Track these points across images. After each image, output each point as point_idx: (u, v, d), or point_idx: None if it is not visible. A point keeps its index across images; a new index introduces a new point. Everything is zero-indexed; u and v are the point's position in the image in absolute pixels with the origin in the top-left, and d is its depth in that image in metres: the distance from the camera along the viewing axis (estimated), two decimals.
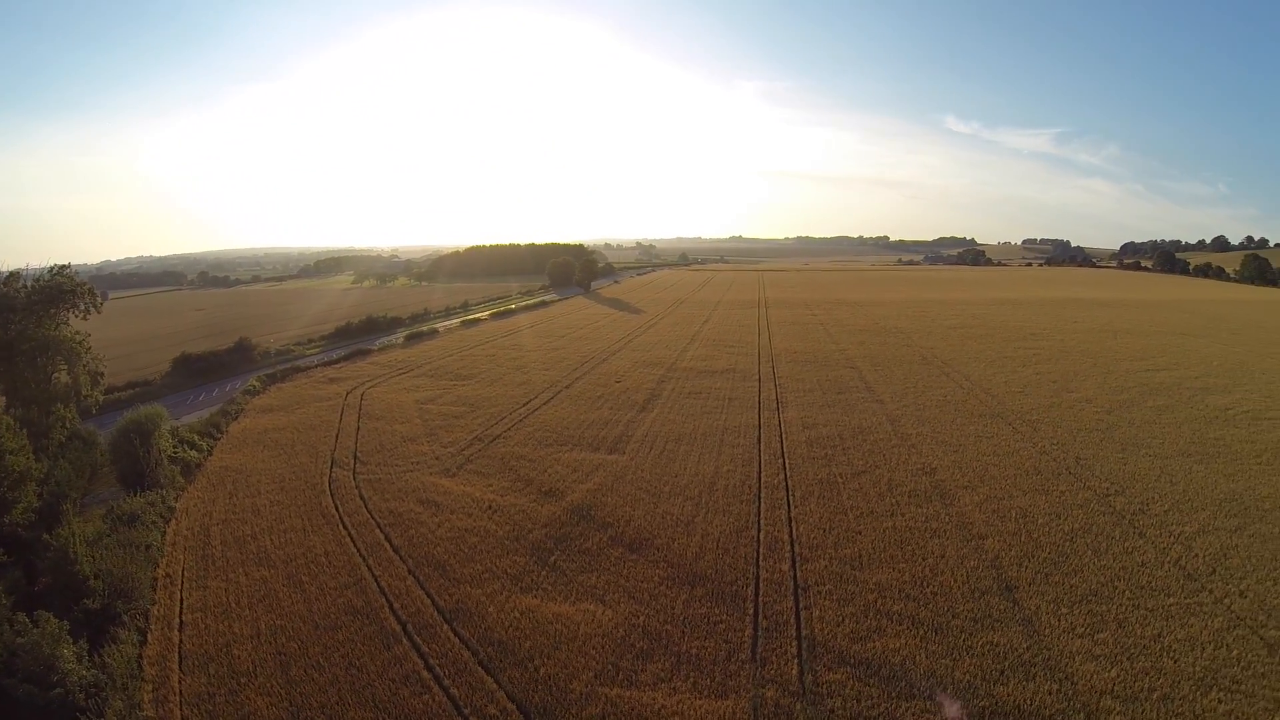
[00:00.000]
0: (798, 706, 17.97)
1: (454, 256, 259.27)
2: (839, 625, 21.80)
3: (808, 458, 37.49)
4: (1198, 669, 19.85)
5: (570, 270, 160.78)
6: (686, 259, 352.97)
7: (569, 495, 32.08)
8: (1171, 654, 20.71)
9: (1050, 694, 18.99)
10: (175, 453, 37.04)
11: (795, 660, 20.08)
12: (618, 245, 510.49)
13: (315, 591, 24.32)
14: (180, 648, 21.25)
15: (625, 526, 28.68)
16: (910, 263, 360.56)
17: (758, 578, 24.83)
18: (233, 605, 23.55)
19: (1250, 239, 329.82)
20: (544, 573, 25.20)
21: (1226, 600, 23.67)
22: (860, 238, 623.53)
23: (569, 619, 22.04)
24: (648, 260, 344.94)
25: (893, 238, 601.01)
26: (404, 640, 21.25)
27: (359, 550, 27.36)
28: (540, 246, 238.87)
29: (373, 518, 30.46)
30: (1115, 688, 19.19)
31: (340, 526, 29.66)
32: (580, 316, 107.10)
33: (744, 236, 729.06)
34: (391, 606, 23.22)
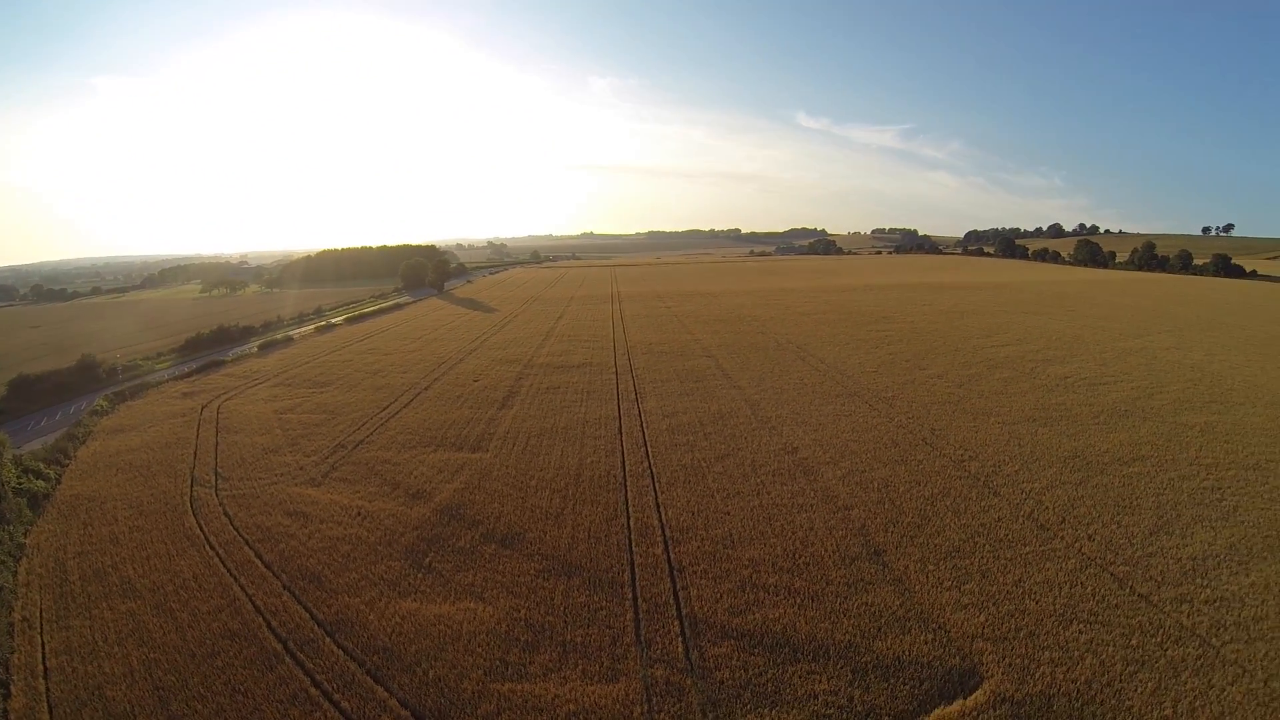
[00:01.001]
0: (688, 682, 27.77)
1: (305, 261, 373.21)
2: (717, 601, 33.60)
3: (670, 445, 56.10)
4: (1057, 606, 33.85)
5: (423, 272, 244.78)
6: (539, 257, 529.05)
7: (437, 496, 47.65)
8: (1033, 596, 34.71)
9: (926, 643, 30.49)
10: (20, 484, 50.74)
11: (679, 639, 30.72)
12: (470, 245, 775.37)
13: (187, 619, 34.24)
14: (48, 697, 29.04)
15: (496, 523, 43.02)
16: (762, 254, 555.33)
17: (632, 563, 37.18)
18: (100, 644, 32.49)
19: (1083, 226, 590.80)
20: (421, 575, 36.88)
21: (1077, 544, 40.17)
22: (712, 231, 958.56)
23: (451, 619, 32.34)
24: (500, 259, 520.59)
25: (744, 230, 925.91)
26: (287, 659, 30.62)
27: (229, 570, 39.07)
28: (392, 248, 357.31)
29: (240, 535, 43.86)
30: (985, 630, 31.67)
31: (207, 547, 42.31)
32: (435, 318, 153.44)
33: (596, 233, 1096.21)
34: (270, 625, 33.19)
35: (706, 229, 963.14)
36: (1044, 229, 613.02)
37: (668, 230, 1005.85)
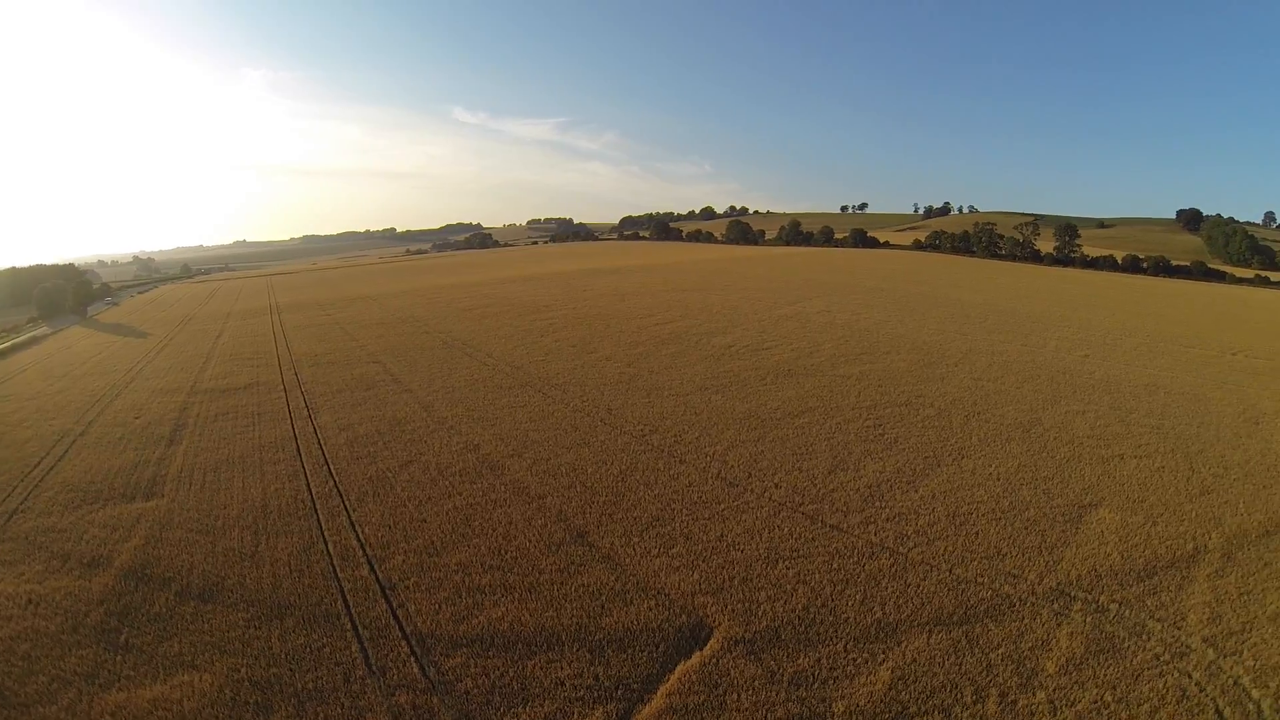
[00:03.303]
0: (435, 701, 28.69)
1: None
2: (438, 613, 34.82)
3: (352, 459, 58.06)
4: (761, 551, 39.67)
5: (62, 296, 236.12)
6: (190, 270, 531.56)
7: (116, 559, 44.79)
8: (737, 546, 40.17)
9: (651, 609, 34.13)
10: None
11: (412, 659, 31.57)
12: (114, 262, 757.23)
13: None
14: None
15: (189, 576, 41.51)
16: (420, 252, 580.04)
17: (342, 590, 38.01)
18: None
19: (733, 208, 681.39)
20: (120, 657, 34.57)
21: (766, 494, 46.95)
22: (368, 231, 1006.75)
23: (169, 700, 30.93)
24: (149, 276, 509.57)
25: (400, 229, 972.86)
26: None
27: None
28: (22, 270, 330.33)
29: None
30: (701, 586, 36.20)
31: None
32: (82, 349, 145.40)
33: (248, 240, 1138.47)
34: None
35: (362, 230, 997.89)
36: (696, 212, 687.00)
37: (322, 234, 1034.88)
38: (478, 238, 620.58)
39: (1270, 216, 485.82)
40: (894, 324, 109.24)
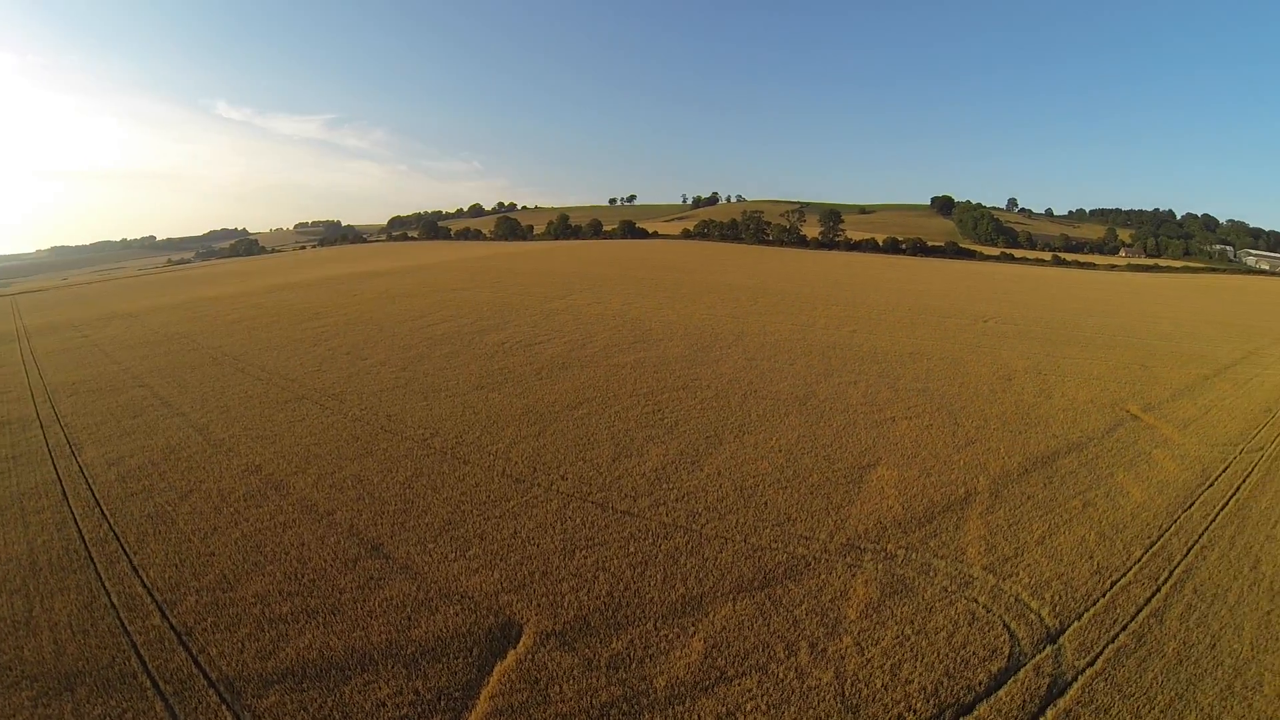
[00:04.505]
0: None
1: None
2: (242, 652, 32.21)
3: (126, 496, 52.11)
4: (557, 543, 39.98)
5: None
6: None
7: None
8: (532, 541, 40.28)
9: (458, 614, 33.67)
10: None
11: (224, 708, 29.14)
12: None
13: None
14: None
15: None
16: (182, 261, 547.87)
17: (135, 645, 33.95)
18: None
19: (502, 204, 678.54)
20: None
21: (553, 487, 47.39)
22: (124, 240, 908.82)
23: None
24: None
25: (161, 236, 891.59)
26: None
27: None
28: None
29: None
30: (504, 585, 36.06)
31: None
32: None
33: None
34: None
35: (119, 239, 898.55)
36: (465, 210, 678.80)
37: (74, 244, 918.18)
38: (244, 244, 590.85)
39: (1013, 202, 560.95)
40: (666, 311, 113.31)
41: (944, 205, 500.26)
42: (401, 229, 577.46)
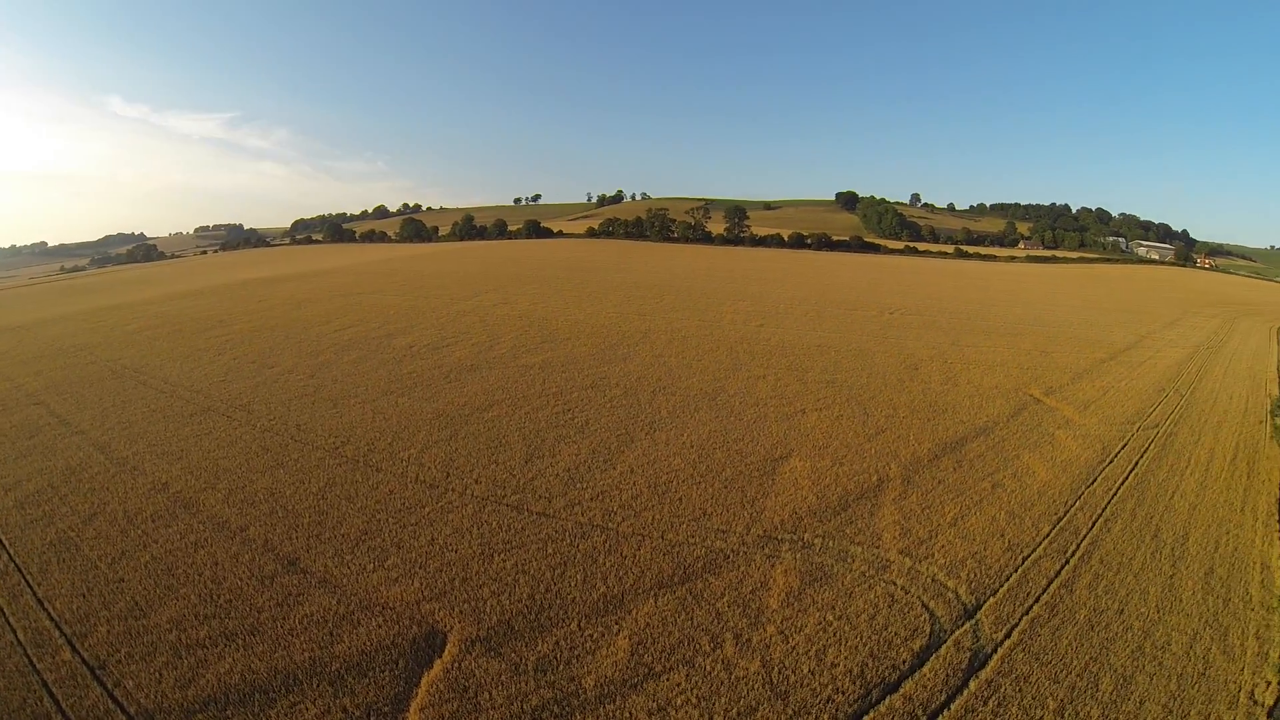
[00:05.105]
0: None
1: None
2: (160, 683, 30.66)
3: (25, 523, 48.93)
4: (475, 548, 39.89)
5: None
6: None
7: None
8: (450, 547, 40.21)
9: (381, 626, 33.30)
10: None
11: None
12: None
13: None
14: None
15: None
16: (76, 269, 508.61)
17: (45, 684, 31.71)
18: None
19: (407, 205, 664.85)
20: None
21: (468, 491, 47.31)
22: (14, 247, 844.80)
23: None
24: None
25: (52, 242, 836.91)
26: None
27: None
28: None
29: None
30: (425, 593, 35.83)
31: None
32: None
33: None
34: None
35: (7, 245, 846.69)
36: (370, 211, 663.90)
37: None
38: (142, 249, 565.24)
39: (916, 197, 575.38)
40: (572, 310, 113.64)
41: (849, 200, 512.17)
42: (306, 232, 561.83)
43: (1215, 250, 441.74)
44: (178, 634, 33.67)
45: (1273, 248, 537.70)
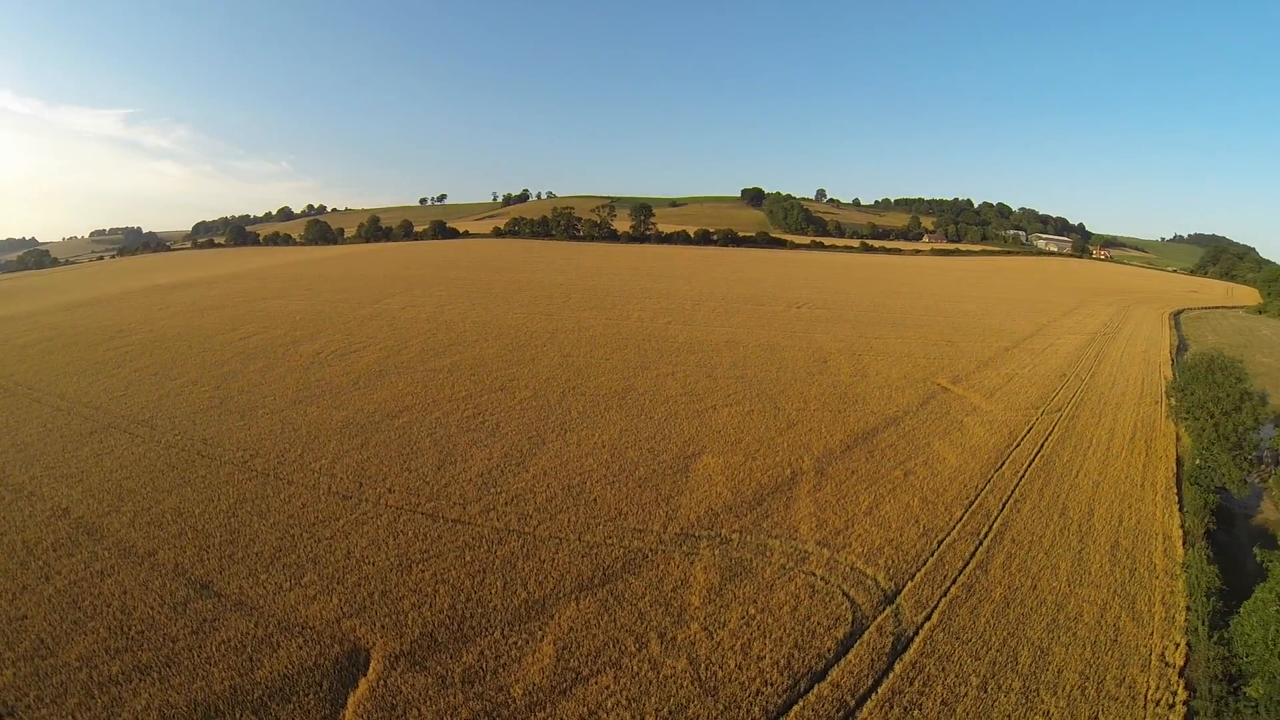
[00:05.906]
0: None
1: None
2: None
3: None
4: (392, 559, 39.51)
5: None
6: None
7: None
8: (367, 560, 39.65)
9: (301, 647, 32.48)
10: None
11: None
12: None
13: None
14: None
15: None
16: None
17: None
18: None
19: (312, 206, 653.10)
20: None
21: (381, 501, 46.85)
22: None
23: None
24: None
25: None
26: None
27: None
28: None
29: None
30: (344, 610, 35.12)
31: None
32: None
33: None
34: None
35: None
36: (274, 213, 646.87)
37: None
38: (33, 255, 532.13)
39: (821, 193, 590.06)
40: (479, 312, 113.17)
41: (754, 196, 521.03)
42: (208, 235, 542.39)
43: (1110, 242, 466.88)
44: (88, 672, 31.81)
45: (1163, 239, 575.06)
